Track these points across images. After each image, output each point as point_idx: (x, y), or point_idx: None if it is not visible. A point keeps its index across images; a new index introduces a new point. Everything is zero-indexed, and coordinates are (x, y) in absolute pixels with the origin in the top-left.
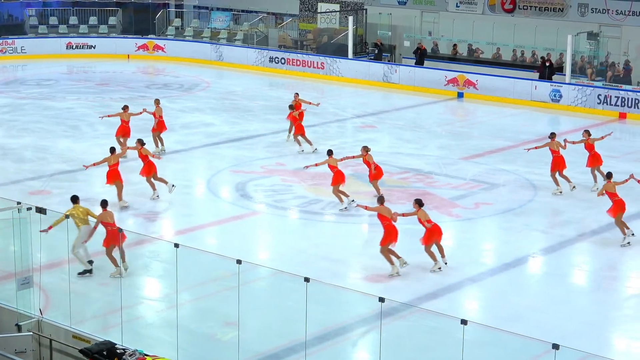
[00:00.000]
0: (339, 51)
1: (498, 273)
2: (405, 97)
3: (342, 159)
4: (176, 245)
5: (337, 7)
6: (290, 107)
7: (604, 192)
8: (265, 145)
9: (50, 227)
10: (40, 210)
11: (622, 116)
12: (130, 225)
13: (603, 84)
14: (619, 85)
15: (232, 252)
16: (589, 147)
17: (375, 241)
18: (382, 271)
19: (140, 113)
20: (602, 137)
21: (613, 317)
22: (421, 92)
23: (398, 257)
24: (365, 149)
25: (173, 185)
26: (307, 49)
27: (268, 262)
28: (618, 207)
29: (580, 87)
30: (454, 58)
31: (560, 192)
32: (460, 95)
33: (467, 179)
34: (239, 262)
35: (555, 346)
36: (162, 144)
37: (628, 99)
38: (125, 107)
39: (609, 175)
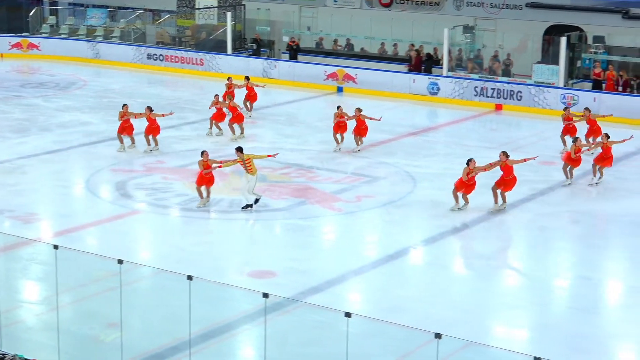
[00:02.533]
0: (218, 47)
1: (380, 265)
2: (285, 92)
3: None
4: (55, 247)
5: (215, 3)
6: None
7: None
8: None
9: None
10: None
11: (499, 107)
12: (6, 228)
13: (479, 76)
14: (495, 77)
15: (113, 252)
16: (607, 149)
17: (258, 238)
18: (265, 267)
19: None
20: (623, 141)
21: (492, 305)
22: (301, 87)
23: None
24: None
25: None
26: (186, 45)
27: (150, 262)
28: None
29: (458, 79)
30: (334, 53)
31: (569, 184)
32: (340, 89)
33: (348, 172)
34: (120, 262)
35: (438, 335)
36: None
37: (504, 90)
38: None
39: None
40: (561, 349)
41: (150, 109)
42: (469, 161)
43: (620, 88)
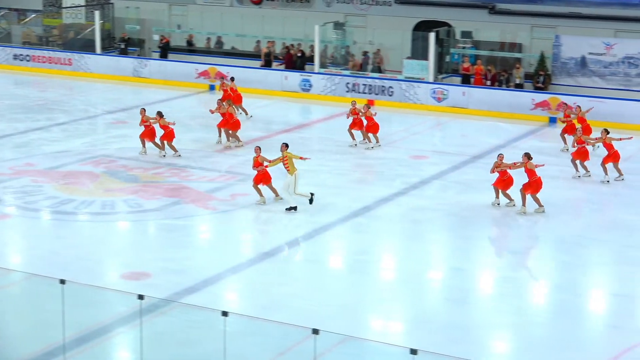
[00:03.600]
0: (87, 47)
1: (257, 263)
2: (156, 91)
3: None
4: None
5: (82, 1)
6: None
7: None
8: (13, 145)
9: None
10: None
11: (370, 103)
12: None
13: (350, 72)
14: (366, 73)
15: None
16: (608, 146)
17: (132, 239)
18: (140, 269)
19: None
20: (621, 139)
21: (369, 299)
22: (173, 85)
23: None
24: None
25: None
26: (53, 45)
27: (21, 266)
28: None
29: (329, 76)
30: (207, 51)
31: (608, 182)
32: (212, 87)
33: (222, 171)
34: None
35: (315, 331)
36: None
37: (375, 86)
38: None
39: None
40: (436, 340)
41: (160, 114)
42: (498, 156)
43: (488, 82)
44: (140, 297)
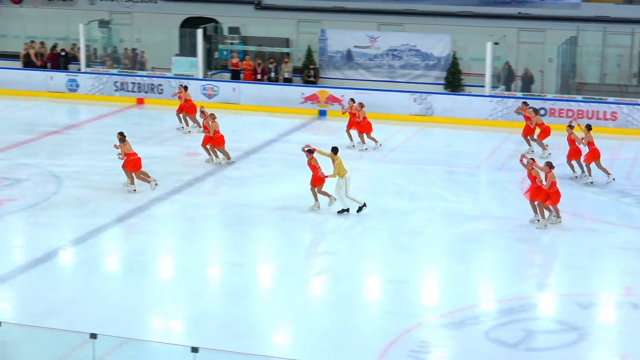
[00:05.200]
0: None
1: (29, 269)
2: None
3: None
4: None
5: None
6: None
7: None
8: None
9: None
10: None
11: (140, 102)
12: None
13: (119, 71)
14: (135, 71)
15: None
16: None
17: None
18: None
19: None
20: (582, 139)
21: (148, 299)
22: None
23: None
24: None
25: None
26: None
27: None
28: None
29: (97, 75)
30: None
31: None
32: None
33: None
34: None
35: (93, 335)
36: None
37: (144, 84)
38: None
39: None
40: (218, 336)
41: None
42: (529, 160)
43: (259, 76)
44: None
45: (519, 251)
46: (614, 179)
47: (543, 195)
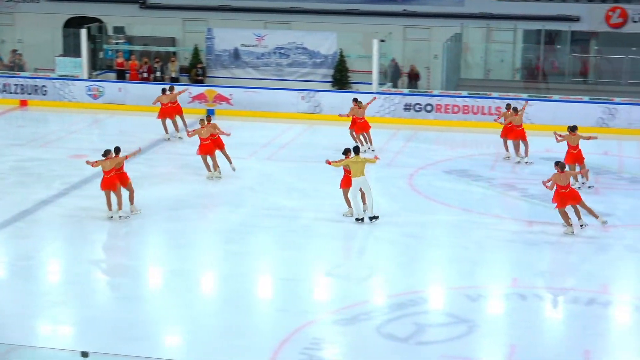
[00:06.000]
0: None
1: None
2: None
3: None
4: None
5: None
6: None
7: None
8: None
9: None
10: None
11: (24, 103)
12: None
13: (1, 73)
14: (17, 72)
15: None
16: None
17: None
18: None
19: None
20: (589, 138)
21: (36, 305)
22: None
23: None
24: None
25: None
26: None
27: None
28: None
29: None
30: None
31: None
32: None
33: None
34: None
35: None
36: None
37: (27, 85)
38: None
39: (562, 167)
40: (109, 340)
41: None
42: (558, 163)
43: (145, 74)
44: None
45: (409, 246)
46: (526, 162)
47: (571, 198)
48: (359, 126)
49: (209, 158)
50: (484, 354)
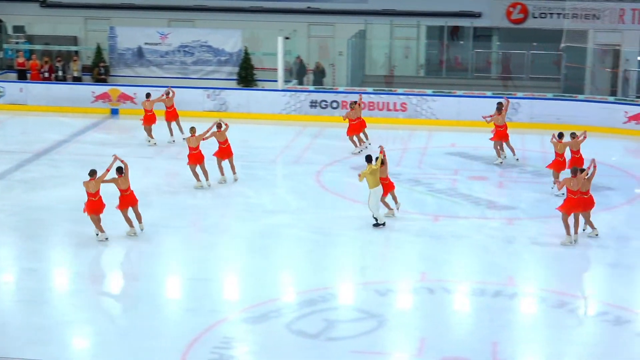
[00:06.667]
0: None
1: None
2: None
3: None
4: None
5: None
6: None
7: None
8: None
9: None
10: None
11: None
12: None
13: None
14: None
15: None
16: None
17: None
18: None
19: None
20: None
21: None
22: None
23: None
24: None
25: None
26: None
27: None
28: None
29: None
30: None
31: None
32: None
33: None
34: None
35: None
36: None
37: None
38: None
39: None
40: (14, 344)
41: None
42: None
43: (46, 74)
44: None
45: (317, 243)
46: (517, 159)
47: (581, 206)
48: (352, 128)
49: (198, 167)
50: (394, 348)
